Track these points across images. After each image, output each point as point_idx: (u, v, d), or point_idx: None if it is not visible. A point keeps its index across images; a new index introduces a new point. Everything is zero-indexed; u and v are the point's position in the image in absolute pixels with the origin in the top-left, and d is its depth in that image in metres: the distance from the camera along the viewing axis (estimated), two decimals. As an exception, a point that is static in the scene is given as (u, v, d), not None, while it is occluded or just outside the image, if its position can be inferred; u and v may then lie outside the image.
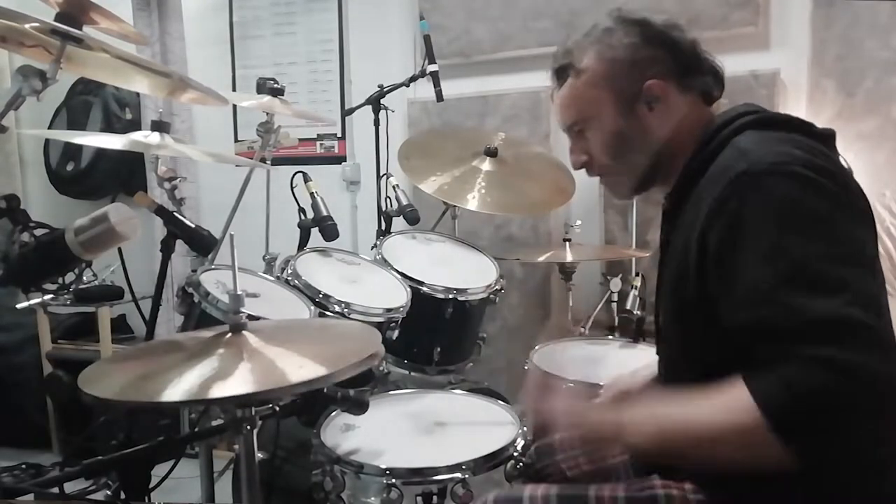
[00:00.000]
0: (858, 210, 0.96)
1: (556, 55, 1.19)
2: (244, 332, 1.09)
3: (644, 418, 0.97)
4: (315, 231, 2.12)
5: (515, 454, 1.34)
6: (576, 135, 1.19)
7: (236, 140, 3.37)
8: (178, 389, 0.94)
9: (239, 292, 1.10)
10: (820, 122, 1.05)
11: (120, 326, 3.20)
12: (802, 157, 0.93)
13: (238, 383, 0.95)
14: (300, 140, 3.04)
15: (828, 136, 1.03)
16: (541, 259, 2.32)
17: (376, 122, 2.52)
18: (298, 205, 2.15)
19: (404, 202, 2.33)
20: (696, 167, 1.05)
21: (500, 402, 1.58)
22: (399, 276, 1.97)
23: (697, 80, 1.12)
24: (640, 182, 1.17)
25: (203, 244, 1.69)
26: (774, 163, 0.92)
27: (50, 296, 1.37)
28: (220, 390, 0.93)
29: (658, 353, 1.22)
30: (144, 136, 1.63)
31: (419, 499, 1.26)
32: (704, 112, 1.13)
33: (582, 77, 1.14)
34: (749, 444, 0.86)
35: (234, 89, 3.31)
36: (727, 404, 0.88)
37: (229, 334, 1.09)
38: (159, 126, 1.64)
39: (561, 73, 1.18)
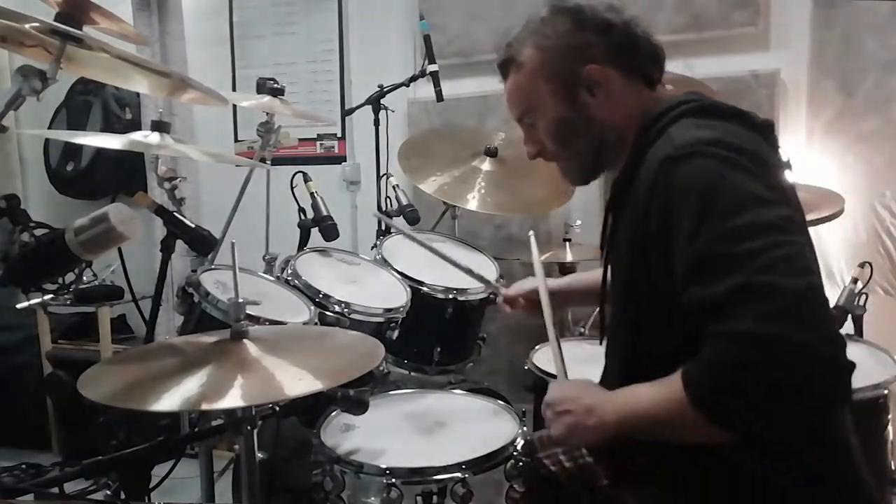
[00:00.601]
0: (776, 188, 0.96)
1: (499, 51, 1.21)
2: (245, 339, 1.09)
3: (611, 404, 1.02)
4: (315, 231, 2.12)
5: (515, 454, 1.33)
6: (527, 126, 1.21)
7: (236, 140, 3.37)
8: (171, 399, 0.94)
9: (241, 300, 1.10)
10: (820, 123, 1.05)
11: (120, 326, 3.20)
12: (720, 137, 0.96)
13: (232, 396, 0.96)
14: (300, 140, 3.05)
15: (765, 127, 1.06)
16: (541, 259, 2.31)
17: (376, 122, 2.52)
18: (298, 205, 2.15)
19: (404, 202, 2.33)
20: (636, 156, 1.07)
21: (500, 402, 1.58)
22: (399, 276, 1.97)
23: (636, 62, 1.13)
24: (590, 167, 1.20)
25: (203, 244, 1.69)
26: (692, 144, 0.96)
27: (50, 296, 1.37)
28: (214, 403, 0.94)
29: (606, 350, 1.24)
30: (144, 136, 1.63)
31: (419, 498, 1.26)
32: (648, 97, 1.13)
33: (522, 70, 1.16)
34: (681, 423, 0.91)
35: (234, 89, 3.31)
36: (667, 386, 0.93)
37: (229, 341, 1.09)
38: (159, 126, 1.64)
39: (504, 68, 1.20)
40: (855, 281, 1.86)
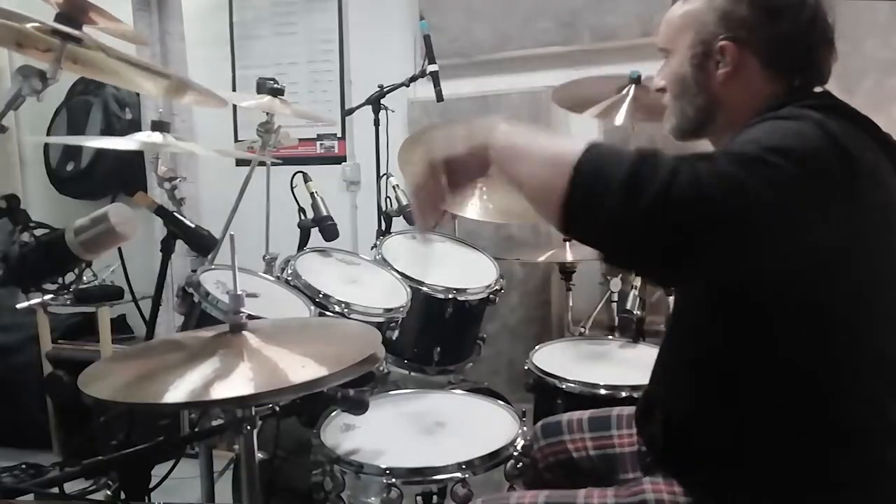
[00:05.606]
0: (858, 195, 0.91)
1: None
2: (244, 331, 1.09)
3: (512, 132, 1.00)
4: (315, 231, 2.12)
5: (515, 454, 1.34)
6: (664, 59, 1.16)
7: (236, 140, 3.37)
8: (177, 391, 0.93)
9: (239, 292, 1.10)
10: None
11: (120, 326, 3.20)
12: (838, 128, 0.91)
13: (238, 384, 0.95)
14: (300, 140, 3.04)
15: (891, 145, 1.00)
16: (541, 259, 2.32)
17: (376, 122, 2.52)
18: (298, 205, 2.15)
19: (404, 202, 2.33)
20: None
21: (500, 402, 1.58)
22: (399, 276, 1.97)
23: (786, 60, 1.04)
24: (687, 130, 1.14)
25: (203, 244, 1.69)
26: (805, 113, 0.92)
27: (50, 296, 1.37)
28: (221, 391, 0.93)
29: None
30: (148, 136, 1.63)
31: (419, 499, 1.26)
32: (780, 88, 1.05)
33: (684, 7, 1.11)
34: (548, 187, 0.91)
35: (234, 89, 3.31)
36: (572, 143, 0.88)
37: (229, 334, 1.09)
38: (159, 126, 1.65)
39: None
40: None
